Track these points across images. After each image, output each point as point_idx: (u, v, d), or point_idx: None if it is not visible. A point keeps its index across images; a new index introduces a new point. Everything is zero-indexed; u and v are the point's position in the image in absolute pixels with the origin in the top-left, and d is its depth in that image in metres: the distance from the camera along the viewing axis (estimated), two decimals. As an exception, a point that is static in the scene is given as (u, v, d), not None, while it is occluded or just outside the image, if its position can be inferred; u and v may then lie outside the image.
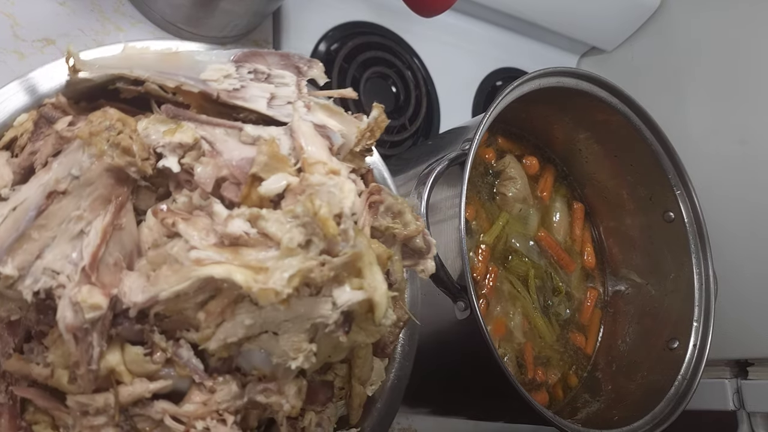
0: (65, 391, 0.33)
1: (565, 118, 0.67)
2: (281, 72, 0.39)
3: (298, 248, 0.30)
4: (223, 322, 0.31)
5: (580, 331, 0.70)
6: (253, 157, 0.33)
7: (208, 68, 0.38)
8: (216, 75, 0.37)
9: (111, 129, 0.33)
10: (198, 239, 0.31)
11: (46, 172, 0.33)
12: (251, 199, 0.33)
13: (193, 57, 0.39)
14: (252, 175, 0.33)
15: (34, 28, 0.62)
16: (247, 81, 0.38)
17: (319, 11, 0.83)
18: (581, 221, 0.72)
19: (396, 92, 0.86)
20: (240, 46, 0.73)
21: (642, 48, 0.98)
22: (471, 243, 0.63)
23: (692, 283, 0.65)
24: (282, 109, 0.37)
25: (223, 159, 0.34)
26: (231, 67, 0.38)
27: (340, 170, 0.34)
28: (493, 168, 0.68)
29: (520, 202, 0.68)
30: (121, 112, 0.34)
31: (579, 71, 0.60)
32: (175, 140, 0.34)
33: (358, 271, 0.31)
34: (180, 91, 0.37)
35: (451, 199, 0.50)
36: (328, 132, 0.37)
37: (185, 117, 0.36)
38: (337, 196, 0.32)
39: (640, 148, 0.66)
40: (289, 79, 0.39)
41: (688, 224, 0.65)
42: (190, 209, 0.33)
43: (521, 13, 0.95)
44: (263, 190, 0.32)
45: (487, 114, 0.51)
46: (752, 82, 0.80)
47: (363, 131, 0.37)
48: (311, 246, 0.31)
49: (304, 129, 0.36)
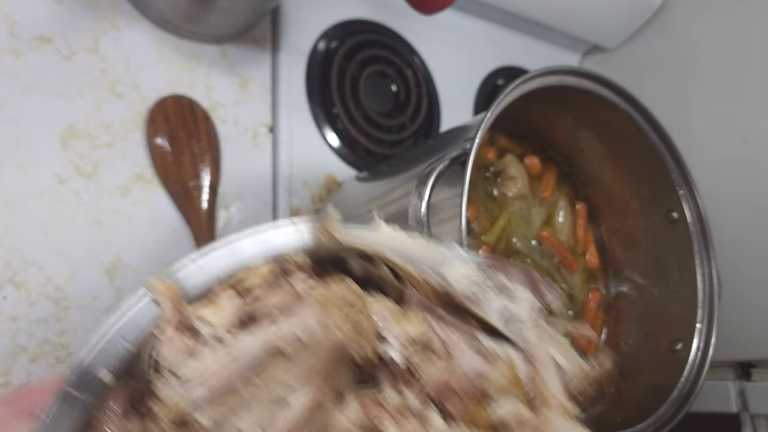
0: None
1: (567, 117, 0.66)
2: (520, 288, 0.36)
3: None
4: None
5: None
6: (485, 372, 0.31)
7: (451, 264, 0.35)
8: (460, 275, 0.35)
9: (350, 304, 0.31)
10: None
11: (271, 325, 0.31)
12: (473, 418, 0.30)
13: (439, 248, 0.36)
14: (482, 393, 0.30)
15: (31, 27, 0.62)
16: (488, 290, 0.35)
17: (318, 9, 0.82)
18: (584, 221, 0.72)
19: (396, 91, 0.85)
20: (238, 44, 0.73)
21: (645, 46, 0.97)
22: (472, 243, 0.62)
23: (695, 285, 0.64)
24: (515, 327, 0.35)
25: (454, 365, 0.31)
26: (476, 271, 0.35)
27: (574, 414, 0.31)
28: (494, 167, 0.68)
29: (521, 202, 0.68)
30: (359, 288, 0.32)
31: (581, 70, 0.59)
32: (409, 332, 0.31)
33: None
34: (415, 280, 0.35)
35: (452, 199, 0.49)
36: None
37: (434, 313, 0.34)
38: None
39: (643, 147, 0.65)
40: (525, 298, 0.36)
41: (691, 224, 0.65)
42: (402, 410, 0.30)
43: (523, 11, 0.94)
44: (493, 413, 0.30)
45: (488, 113, 0.50)
46: (756, 81, 0.79)
47: (590, 378, 0.34)
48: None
49: (544, 359, 0.33)
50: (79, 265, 0.60)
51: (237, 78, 0.73)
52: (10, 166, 0.59)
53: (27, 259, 0.58)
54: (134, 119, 0.65)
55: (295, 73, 0.78)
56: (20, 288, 0.57)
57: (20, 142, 0.59)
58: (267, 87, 0.75)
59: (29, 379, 0.56)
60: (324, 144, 0.78)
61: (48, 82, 0.62)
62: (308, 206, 0.74)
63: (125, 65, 0.66)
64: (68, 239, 0.60)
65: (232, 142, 0.71)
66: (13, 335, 0.56)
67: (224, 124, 0.71)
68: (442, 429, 0.29)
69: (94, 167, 0.62)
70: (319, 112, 0.78)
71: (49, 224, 0.59)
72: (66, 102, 0.62)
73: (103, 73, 0.65)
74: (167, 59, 0.69)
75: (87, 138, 0.63)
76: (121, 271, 0.62)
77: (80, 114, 0.63)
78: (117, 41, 0.66)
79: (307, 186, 0.75)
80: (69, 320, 0.58)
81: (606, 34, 1.00)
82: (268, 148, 0.73)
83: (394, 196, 0.59)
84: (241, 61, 0.74)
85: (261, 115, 0.74)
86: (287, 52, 0.78)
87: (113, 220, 0.62)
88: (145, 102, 0.66)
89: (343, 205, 0.69)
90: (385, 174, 0.66)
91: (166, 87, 0.68)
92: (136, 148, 0.65)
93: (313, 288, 0.32)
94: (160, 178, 0.65)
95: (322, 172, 0.76)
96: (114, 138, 0.64)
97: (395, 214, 0.57)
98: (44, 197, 0.60)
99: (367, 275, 0.35)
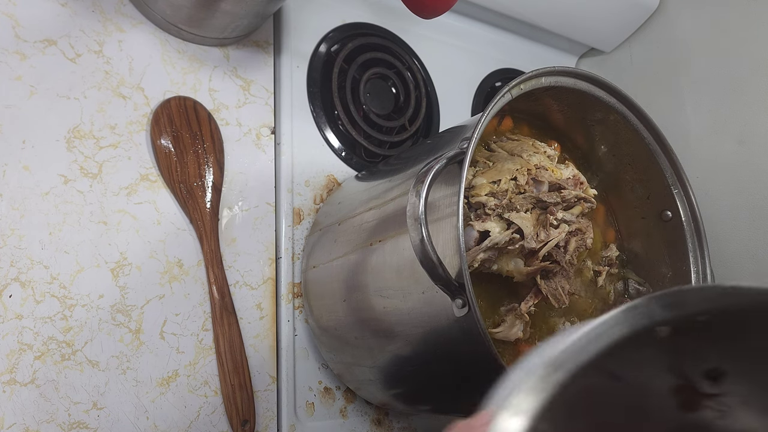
0: None
1: (561, 117, 0.67)
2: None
3: None
4: None
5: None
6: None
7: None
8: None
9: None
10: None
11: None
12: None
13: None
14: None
15: (36, 29, 0.63)
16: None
17: (319, 12, 0.83)
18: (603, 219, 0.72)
19: (396, 93, 0.86)
20: (241, 47, 0.74)
21: (641, 49, 0.98)
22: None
23: (690, 282, 0.65)
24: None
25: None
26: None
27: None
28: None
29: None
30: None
31: (577, 70, 0.60)
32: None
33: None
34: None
35: (449, 197, 0.50)
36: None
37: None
38: None
39: (638, 147, 0.66)
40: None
41: (685, 223, 0.66)
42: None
43: (520, 15, 0.95)
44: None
45: (485, 113, 0.51)
46: (751, 83, 0.80)
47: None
48: None
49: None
50: (84, 265, 0.61)
51: (240, 80, 0.74)
52: (16, 167, 0.60)
53: (32, 258, 0.59)
54: (139, 120, 0.66)
55: (297, 75, 0.79)
56: (26, 286, 0.58)
57: (26, 143, 0.60)
58: (269, 89, 0.76)
59: (34, 377, 0.56)
60: (325, 145, 0.79)
61: (53, 84, 0.63)
62: (310, 206, 0.75)
63: (129, 67, 0.67)
64: (73, 239, 0.61)
65: (235, 143, 0.72)
66: (18, 333, 0.57)
67: (227, 126, 0.72)
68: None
69: (99, 168, 0.63)
70: (320, 113, 0.79)
71: (54, 224, 0.60)
72: (71, 103, 0.63)
73: (107, 74, 0.66)
74: (171, 61, 0.70)
75: (92, 139, 0.64)
76: (126, 270, 0.63)
77: (85, 115, 0.64)
78: (121, 43, 0.67)
79: (308, 186, 0.76)
80: (74, 318, 0.59)
81: (602, 37, 1.01)
82: (270, 149, 0.74)
83: (392, 195, 0.60)
84: (243, 64, 0.75)
85: (263, 116, 0.75)
86: (289, 54, 0.79)
87: (118, 220, 0.63)
88: (149, 103, 0.67)
89: (344, 204, 0.70)
90: (384, 173, 0.67)
91: (169, 89, 0.69)
92: (141, 148, 0.66)
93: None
94: (165, 179, 0.66)
95: (323, 172, 0.77)
96: (119, 139, 0.65)
97: (394, 213, 0.58)
98: (49, 197, 0.60)
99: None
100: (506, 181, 0.57)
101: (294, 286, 0.71)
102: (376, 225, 0.60)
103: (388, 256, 0.57)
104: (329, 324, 0.66)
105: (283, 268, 0.71)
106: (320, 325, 0.68)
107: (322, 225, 0.71)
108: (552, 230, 0.56)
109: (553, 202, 0.57)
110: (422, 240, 0.46)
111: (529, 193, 0.58)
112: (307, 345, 0.71)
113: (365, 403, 0.73)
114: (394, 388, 0.66)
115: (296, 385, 0.69)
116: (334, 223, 0.68)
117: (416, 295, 0.53)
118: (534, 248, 0.55)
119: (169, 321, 0.64)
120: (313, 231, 0.72)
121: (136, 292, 0.63)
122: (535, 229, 0.56)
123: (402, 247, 0.55)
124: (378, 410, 0.74)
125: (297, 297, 0.71)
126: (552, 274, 0.57)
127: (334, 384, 0.72)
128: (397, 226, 0.57)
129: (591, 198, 0.61)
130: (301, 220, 0.74)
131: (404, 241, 0.54)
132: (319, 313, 0.67)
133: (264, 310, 0.69)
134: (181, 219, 0.67)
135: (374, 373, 0.64)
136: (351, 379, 0.70)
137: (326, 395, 0.71)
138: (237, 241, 0.69)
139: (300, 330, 0.71)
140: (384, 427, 0.74)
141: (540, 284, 0.57)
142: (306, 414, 0.69)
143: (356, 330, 0.62)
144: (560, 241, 0.57)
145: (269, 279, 0.71)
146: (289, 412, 0.68)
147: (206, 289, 0.66)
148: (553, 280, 0.57)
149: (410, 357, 0.58)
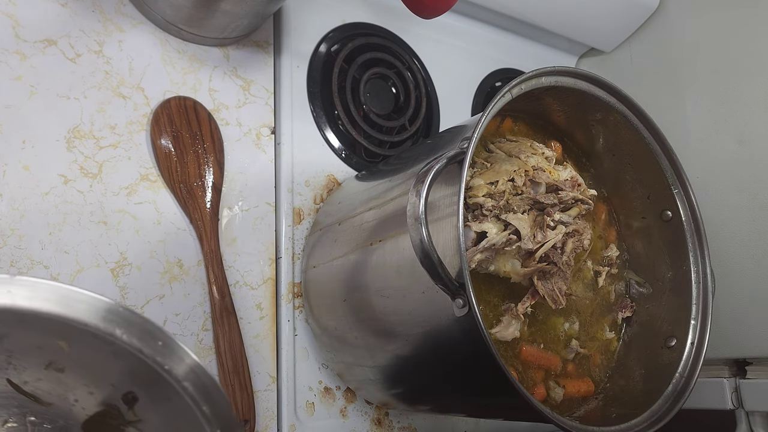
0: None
1: (562, 117, 0.67)
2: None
3: None
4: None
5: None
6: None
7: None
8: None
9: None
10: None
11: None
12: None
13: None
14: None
15: (36, 29, 0.63)
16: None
17: (319, 12, 0.83)
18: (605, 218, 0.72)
19: (396, 93, 0.86)
20: (241, 47, 0.74)
21: (641, 49, 0.98)
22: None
23: (690, 282, 0.65)
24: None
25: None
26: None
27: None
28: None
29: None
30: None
31: (577, 70, 0.60)
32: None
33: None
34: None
35: (449, 197, 0.50)
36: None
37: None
38: None
39: (638, 147, 0.66)
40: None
41: (685, 223, 0.66)
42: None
43: (520, 15, 0.95)
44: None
45: (485, 113, 0.51)
46: (750, 83, 0.80)
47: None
48: None
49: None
50: (84, 265, 0.61)
51: (240, 80, 0.74)
52: (16, 167, 0.60)
53: (32, 258, 0.59)
54: (139, 120, 0.66)
55: (297, 75, 0.79)
56: (26, 286, 0.58)
57: (26, 143, 0.60)
58: (269, 89, 0.76)
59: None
60: (325, 145, 0.79)
61: (53, 84, 0.63)
62: (310, 206, 0.75)
63: (129, 67, 0.67)
64: (73, 239, 0.61)
65: (235, 143, 0.72)
66: (19, 332, 0.57)
67: (227, 126, 0.72)
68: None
69: (99, 168, 0.63)
70: (320, 113, 0.79)
71: (54, 224, 0.60)
72: (71, 103, 0.63)
73: (107, 74, 0.66)
74: (171, 61, 0.70)
75: (92, 139, 0.64)
76: (126, 270, 0.63)
77: (85, 115, 0.64)
78: (121, 43, 0.67)
79: (308, 186, 0.76)
80: (74, 318, 0.59)
81: (602, 37, 1.01)
82: (270, 149, 0.74)
83: (393, 195, 0.60)
84: (244, 64, 0.75)
85: (263, 116, 0.75)
86: (289, 54, 0.79)
87: (118, 220, 0.63)
88: (149, 103, 0.67)
89: (344, 204, 0.70)
90: (384, 173, 0.67)
91: (170, 89, 0.69)
92: (141, 148, 0.66)
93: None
94: (165, 179, 0.66)
95: (324, 172, 0.77)
96: (119, 139, 0.65)
97: (394, 213, 0.58)
98: (49, 197, 0.60)
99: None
100: (504, 182, 0.57)
101: (294, 286, 0.71)
102: (376, 225, 0.60)
103: (388, 256, 0.57)
104: (329, 324, 0.66)
105: (283, 268, 0.71)
106: (320, 325, 0.68)
107: (323, 225, 0.71)
108: (549, 231, 0.56)
109: (550, 203, 0.58)
110: (422, 240, 0.46)
111: (527, 194, 0.58)
112: (307, 345, 0.71)
113: (365, 402, 0.73)
114: (394, 387, 0.66)
115: (296, 385, 0.69)
116: (335, 223, 0.68)
117: (416, 295, 0.53)
118: (531, 249, 0.56)
119: (169, 321, 0.64)
120: (313, 231, 0.72)
121: (136, 292, 0.63)
122: (532, 231, 0.56)
123: (402, 247, 0.55)
124: (378, 410, 0.74)
125: (297, 297, 0.71)
126: (549, 275, 0.57)
127: (335, 384, 0.72)
128: (397, 225, 0.57)
129: (588, 199, 0.61)
130: (302, 220, 0.74)
131: (404, 241, 0.54)
132: (320, 313, 0.67)
133: (264, 310, 0.70)
134: (181, 219, 0.67)
135: (374, 372, 0.64)
136: (351, 378, 0.70)
137: (326, 395, 0.71)
138: (237, 241, 0.69)
139: (300, 330, 0.71)
140: (384, 427, 0.74)
141: (537, 285, 0.57)
142: (306, 414, 0.69)
143: (356, 330, 0.63)
144: (557, 243, 0.57)
145: (269, 279, 0.71)
146: (289, 412, 0.68)
147: (206, 289, 0.66)
148: (550, 281, 0.57)
149: (410, 357, 0.58)
